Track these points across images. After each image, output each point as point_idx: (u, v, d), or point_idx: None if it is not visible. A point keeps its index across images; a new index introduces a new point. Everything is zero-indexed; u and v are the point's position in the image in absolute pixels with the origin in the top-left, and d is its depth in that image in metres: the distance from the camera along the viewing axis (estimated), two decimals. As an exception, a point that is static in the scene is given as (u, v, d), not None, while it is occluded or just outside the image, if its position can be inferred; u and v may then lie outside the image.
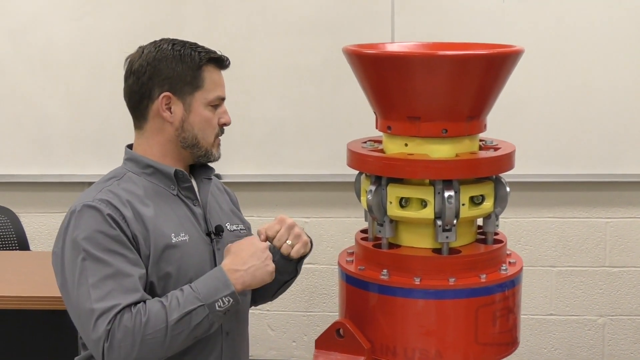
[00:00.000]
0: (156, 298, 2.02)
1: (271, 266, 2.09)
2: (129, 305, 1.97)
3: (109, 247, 2.01)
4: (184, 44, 2.16)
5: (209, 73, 2.16)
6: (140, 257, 2.06)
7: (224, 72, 2.21)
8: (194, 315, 1.99)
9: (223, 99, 2.20)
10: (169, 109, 2.14)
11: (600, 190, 4.07)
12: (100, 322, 1.96)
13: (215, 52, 2.18)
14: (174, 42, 2.17)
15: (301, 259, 2.33)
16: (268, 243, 2.13)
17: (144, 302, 2.00)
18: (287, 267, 2.32)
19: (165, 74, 2.12)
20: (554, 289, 4.17)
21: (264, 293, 2.38)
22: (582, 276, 4.15)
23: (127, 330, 1.95)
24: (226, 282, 2.02)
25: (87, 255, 2.00)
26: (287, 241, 2.20)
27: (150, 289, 2.07)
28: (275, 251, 2.26)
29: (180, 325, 1.98)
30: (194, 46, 2.16)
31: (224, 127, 2.22)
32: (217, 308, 2.00)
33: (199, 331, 2.01)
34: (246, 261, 2.05)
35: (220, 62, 2.19)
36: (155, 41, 2.19)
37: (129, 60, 2.18)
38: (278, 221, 2.21)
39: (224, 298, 2.01)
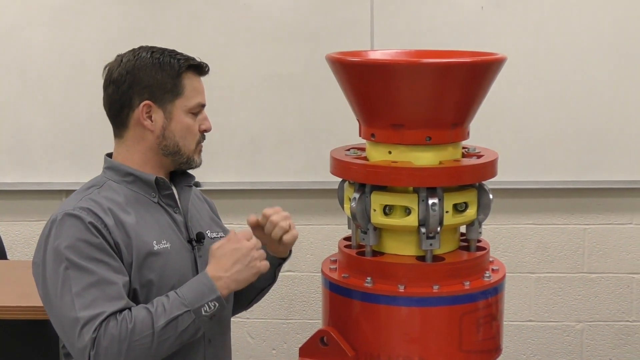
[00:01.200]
0: (141, 305, 2.02)
1: (256, 266, 2.08)
2: (114, 313, 1.96)
3: (92, 255, 2.00)
4: (162, 51, 2.16)
5: (189, 80, 2.15)
6: (123, 264, 2.05)
7: (203, 79, 2.21)
8: (181, 321, 1.98)
9: (203, 106, 2.20)
10: (150, 117, 2.13)
11: (579, 197, 4.09)
12: (86, 330, 1.95)
13: (194, 59, 2.17)
14: (152, 50, 2.16)
15: (280, 264, 2.33)
16: (253, 243, 2.10)
17: (130, 309, 1.99)
18: (265, 273, 2.31)
19: (145, 82, 2.11)
20: (533, 295, 4.19)
21: (239, 301, 2.37)
22: (560, 282, 4.18)
23: (113, 337, 1.94)
24: (212, 287, 2.02)
25: (69, 264, 1.99)
26: (282, 223, 2.20)
27: (133, 297, 2.06)
28: None
29: (167, 331, 1.97)
30: (172, 53, 2.16)
31: (205, 134, 2.21)
32: (203, 313, 2.00)
33: (186, 336, 2.01)
34: (229, 268, 2.05)
35: (200, 69, 2.18)
36: (133, 49, 2.18)
37: (107, 69, 2.16)
38: (273, 210, 2.23)
39: (209, 303, 2.01)
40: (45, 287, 2.04)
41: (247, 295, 2.35)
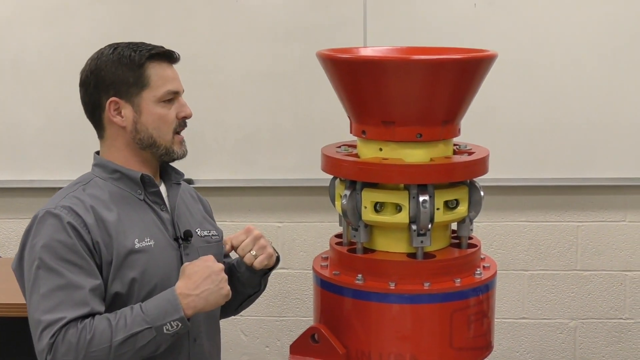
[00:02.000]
0: (105, 315, 1.99)
1: (226, 289, 2.05)
2: (75, 319, 1.95)
3: (65, 256, 1.99)
4: (125, 45, 2.14)
5: (154, 70, 2.12)
6: (102, 264, 2.03)
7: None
8: (140, 337, 1.96)
9: (177, 92, 2.16)
10: (119, 113, 2.12)
11: (572, 194, 4.10)
12: (45, 334, 1.95)
13: (157, 48, 2.14)
14: (115, 46, 2.14)
15: (266, 273, 2.32)
16: (223, 265, 2.09)
17: (93, 317, 1.97)
18: (251, 281, 2.31)
19: (108, 80, 2.11)
20: (526, 292, 4.20)
21: (227, 307, 2.34)
22: (553, 280, 4.18)
23: (70, 345, 1.93)
24: (176, 306, 1.98)
25: (41, 263, 1.99)
26: (252, 251, 2.19)
27: (118, 298, 2.05)
28: (240, 263, 2.25)
29: (125, 346, 1.95)
30: (135, 46, 2.13)
31: (186, 121, 2.18)
32: (165, 331, 1.97)
33: (145, 352, 1.99)
34: (199, 285, 2.02)
35: (166, 57, 2.15)
36: (100, 48, 2.17)
37: (80, 72, 2.18)
38: (245, 231, 2.20)
39: (172, 322, 1.97)
40: (22, 282, 2.07)
41: (234, 301, 2.31)
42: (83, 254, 2.00)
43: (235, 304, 2.38)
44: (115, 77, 2.10)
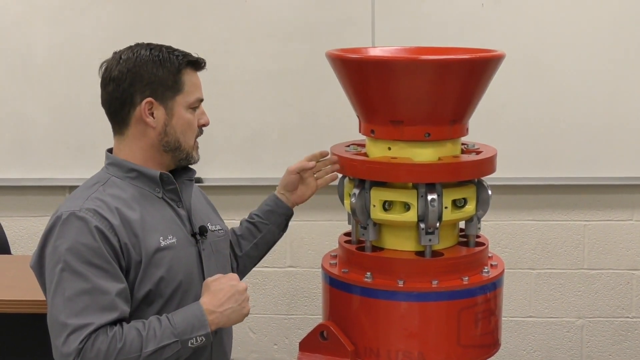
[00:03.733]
0: (133, 324, 2.01)
1: (247, 308, 2.11)
2: (104, 326, 1.97)
3: (91, 260, 2.00)
4: (160, 48, 2.16)
5: (188, 76, 2.15)
6: (131, 265, 2.05)
7: (202, 73, 2.21)
8: (167, 349, 2.00)
9: (202, 100, 2.20)
10: (152, 114, 2.13)
11: (579, 193, 4.10)
12: (73, 338, 1.95)
13: (191, 55, 2.18)
14: (151, 47, 2.16)
15: (291, 215, 2.50)
16: (247, 285, 2.14)
17: (122, 325, 1.99)
18: (276, 226, 2.48)
19: (147, 79, 2.11)
20: (533, 291, 4.20)
21: (252, 258, 2.51)
22: (560, 278, 4.19)
23: (100, 352, 1.95)
24: (204, 322, 2.03)
25: (66, 266, 1.99)
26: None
27: (146, 297, 2.07)
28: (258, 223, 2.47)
29: (153, 357, 1.99)
30: (170, 50, 2.16)
31: (203, 128, 2.22)
32: (190, 345, 2.02)
33: None
34: (223, 303, 2.06)
35: (197, 65, 2.18)
36: (130, 47, 2.17)
37: (104, 66, 2.16)
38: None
39: (198, 337, 2.02)
40: (42, 280, 2.07)
41: (260, 252, 2.48)
42: (108, 257, 2.01)
43: (260, 255, 2.52)
44: (155, 78, 2.11)
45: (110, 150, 2.22)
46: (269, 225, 2.49)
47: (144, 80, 2.11)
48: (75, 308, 1.97)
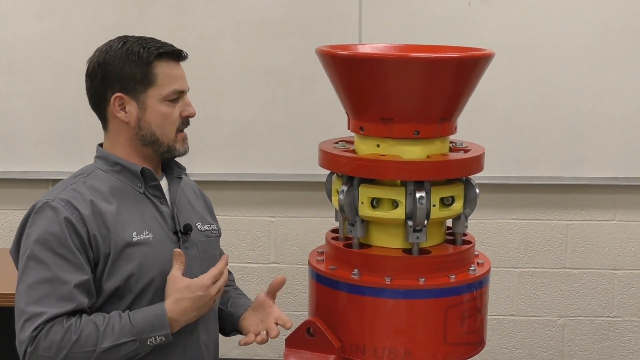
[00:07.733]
0: (92, 318, 2.02)
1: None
2: (60, 316, 1.98)
3: (56, 249, 2.00)
4: (135, 40, 2.13)
5: (161, 68, 2.12)
6: (99, 257, 2.05)
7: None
8: (124, 347, 2.01)
9: (182, 92, 2.16)
10: (124, 109, 2.12)
11: (562, 192, 4.13)
12: (27, 325, 1.97)
13: (167, 46, 2.14)
14: (125, 40, 2.13)
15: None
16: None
17: (80, 317, 2.00)
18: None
19: (115, 75, 2.10)
20: (516, 289, 4.23)
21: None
22: (543, 277, 4.21)
23: (53, 342, 1.96)
24: (164, 322, 2.04)
25: (32, 254, 2.01)
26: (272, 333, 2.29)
27: (115, 291, 2.07)
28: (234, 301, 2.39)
29: (109, 353, 2.00)
30: (144, 42, 2.13)
31: (189, 119, 2.19)
32: (148, 343, 2.03)
33: (124, 358, 2.03)
34: (187, 313, 2.08)
35: (174, 56, 2.15)
36: (110, 40, 2.16)
37: (87, 62, 2.17)
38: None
39: (157, 336, 2.03)
40: (17, 267, 2.09)
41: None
42: (73, 248, 2.01)
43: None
44: (122, 73, 2.10)
45: (101, 145, 2.22)
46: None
47: (112, 75, 2.11)
48: (34, 296, 1.98)
